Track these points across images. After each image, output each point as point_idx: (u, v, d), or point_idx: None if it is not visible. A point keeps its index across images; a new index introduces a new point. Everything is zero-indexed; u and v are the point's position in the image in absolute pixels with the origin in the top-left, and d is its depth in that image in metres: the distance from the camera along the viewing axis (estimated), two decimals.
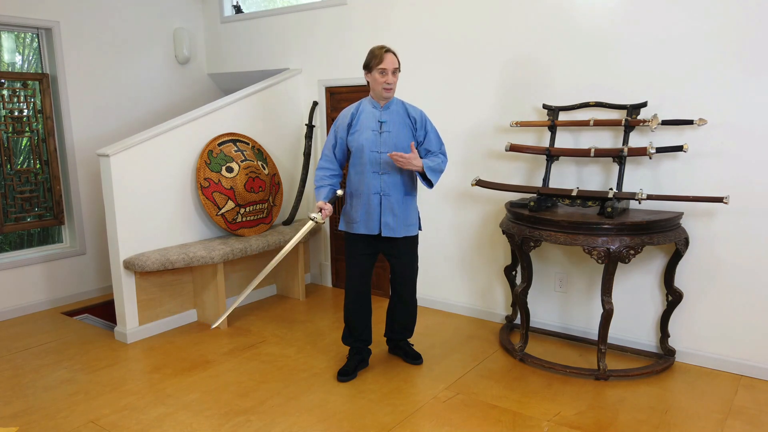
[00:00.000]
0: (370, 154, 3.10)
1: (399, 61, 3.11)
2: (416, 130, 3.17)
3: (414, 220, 3.25)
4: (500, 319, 4.11)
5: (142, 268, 3.68)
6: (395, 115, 3.14)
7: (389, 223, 3.15)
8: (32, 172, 4.53)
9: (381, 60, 3.03)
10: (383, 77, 3.04)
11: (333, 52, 4.65)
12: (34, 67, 4.59)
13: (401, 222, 3.18)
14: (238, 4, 5.39)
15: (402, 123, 3.13)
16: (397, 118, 3.13)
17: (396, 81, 3.10)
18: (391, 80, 3.06)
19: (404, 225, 3.20)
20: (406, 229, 3.21)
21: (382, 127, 3.11)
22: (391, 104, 3.15)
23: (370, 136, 3.11)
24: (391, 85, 3.07)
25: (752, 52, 3.04)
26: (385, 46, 3.08)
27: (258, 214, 4.35)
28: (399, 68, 3.10)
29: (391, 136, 3.11)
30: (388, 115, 3.13)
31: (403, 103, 3.20)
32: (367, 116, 3.14)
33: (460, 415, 2.87)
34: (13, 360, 3.59)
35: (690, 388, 3.11)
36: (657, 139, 3.31)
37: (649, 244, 3.04)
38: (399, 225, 3.17)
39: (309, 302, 4.63)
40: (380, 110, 3.14)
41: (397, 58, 3.10)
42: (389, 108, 3.14)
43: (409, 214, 3.22)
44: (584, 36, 3.51)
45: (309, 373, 3.35)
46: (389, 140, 3.11)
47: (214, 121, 4.27)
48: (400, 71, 3.14)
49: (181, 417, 2.89)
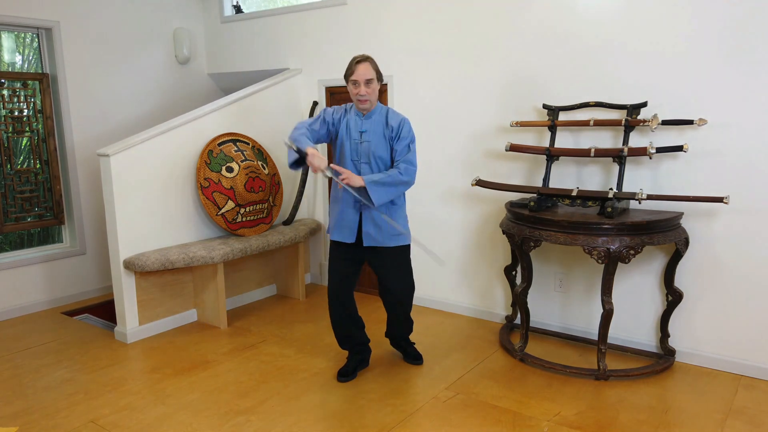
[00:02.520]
0: (350, 163, 3.07)
1: (377, 70, 3.02)
2: (393, 138, 3.06)
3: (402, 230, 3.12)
4: (500, 319, 4.11)
5: (142, 268, 3.68)
6: (376, 125, 3.06)
7: (370, 232, 3.07)
8: (32, 172, 4.53)
9: (353, 71, 2.97)
10: (356, 89, 2.98)
11: (333, 52, 4.65)
12: (34, 67, 4.59)
13: (386, 232, 3.08)
14: (238, 4, 5.40)
15: (380, 133, 3.05)
16: (377, 128, 3.06)
17: (371, 91, 2.99)
18: (363, 91, 2.97)
19: (390, 235, 3.09)
20: (392, 239, 3.10)
21: (362, 137, 3.07)
22: (373, 113, 3.07)
23: (351, 146, 3.07)
24: (365, 96, 2.98)
25: (752, 52, 3.04)
26: (360, 56, 3.00)
27: (258, 214, 4.35)
28: (378, 78, 3.01)
29: (369, 146, 3.05)
30: (369, 125, 3.07)
31: (388, 111, 3.11)
32: (351, 124, 3.08)
33: (460, 415, 2.87)
34: (13, 360, 3.59)
35: (690, 388, 3.11)
36: (657, 139, 3.31)
37: (649, 244, 3.04)
38: (383, 235, 3.08)
39: (309, 302, 4.63)
40: (362, 119, 3.08)
41: (374, 68, 3.00)
42: (371, 117, 3.07)
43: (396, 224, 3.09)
44: (585, 35, 3.51)
45: (309, 373, 3.35)
46: (368, 150, 3.05)
47: (214, 121, 4.27)
48: (381, 81, 3.06)
49: (181, 417, 2.89)
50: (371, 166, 3.06)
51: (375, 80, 3.01)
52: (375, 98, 3.06)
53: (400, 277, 3.22)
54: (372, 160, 3.05)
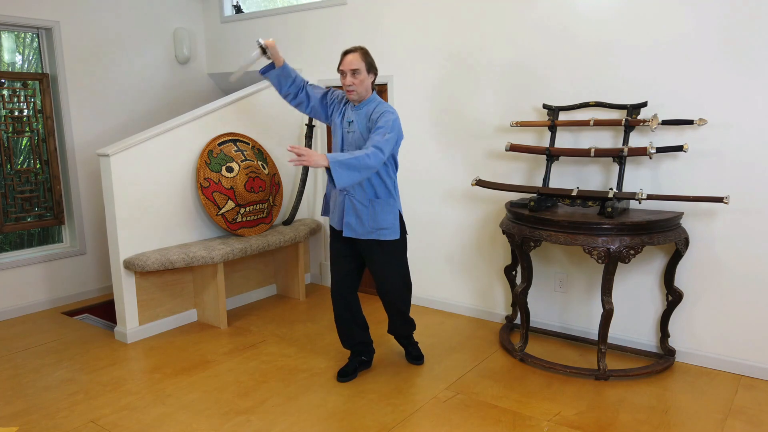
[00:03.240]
0: (339, 151, 3.10)
1: (367, 61, 2.99)
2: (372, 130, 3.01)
3: (386, 225, 3.05)
4: (500, 319, 4.11)
5: (142, 268, 3.68)
6: (362, 117, 3.06)
7: (351, 223, 3.05)
8: (32, 172, 4.53)
9: (340, 62, 3.00)
10: (343, 78, 3.00)
11: (333, 52, 4.64)
12: (34, 67, 4.59)
13: (367, 225, 3.03)
14: (238, 4, 5.40)
15: (365, 125, 3.05)
16: (363, 120, 3.06)
17: (358, 82, 2.96)
18: (349, 81, 2.96)
19: (372, 228, 3.03)
20: (374, 233, 3.04)
21: (350, 127, 3.09)
22: (364, 105, 3.06)
23: (340, 134, 3.12)
24: (351, 86, 2.98)
25: (752, 52, 3.04)
26: (351, 48, 3.01)
27: (258, 214, 4.35)
28: (368, 69, 2.99)
29: (354, 137, 3.06)
30: (356, 116, 3.08)
31: (377, 104, 3.06)
32: (346, 113, 3.12)
33: (460, 415, 2.87)
34: (13, 360, 3.59)
35: (690, 388, 3.11)
36: (657, 139, 3.31)
37: (649, 244, 3.04)
38: (362, 228, 3.03)
39: (309, 302, 4.63)
40: (352, 109, 3.10)
41: (364, 59, 2.97)
42: (360, 109, 3.07)
43: (381, 218, 3.04)
44: (584, 35, 3.51)
45: (309, 373, 3.35)
46: (353, 141, 3.06)
47: (214, 121, 4.27)
48: (373, 72, 3.02)
49: (181, 417, 2.89)
50: None
51: (363, 71, 2.98)
52: (363, 89, 3.02)
53: (390, 274, 3.17)
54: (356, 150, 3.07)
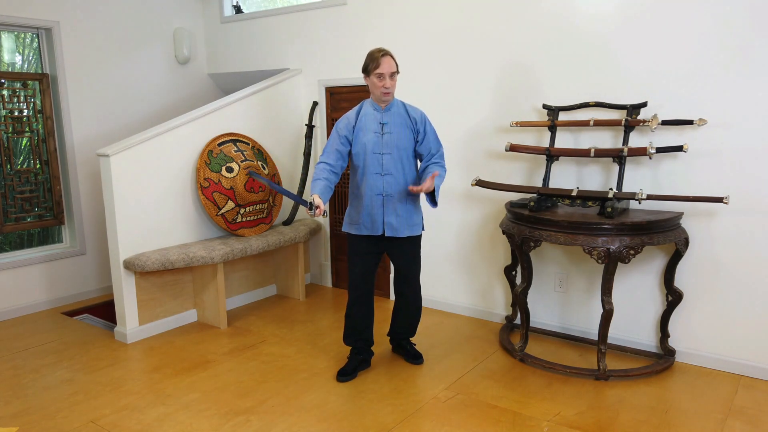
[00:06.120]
0: (372, 155, 3.13)
1: (397, 63, 3.10)
2: (417, 132, 3.19)
3: (417, 221, 3.26)
4: (500, 319, 4.11)
5: (142, 268, 3.68)
6: (396, 117, 3.15)
7: (392, 223, 3.17)
8: (32, 172, 4.53)
9: (378, 64, 3.02)
10: (381, 81, 3.04)
11: (333, 52, 4.65)
12: (34, 67, 4.59)
13: (404, 222, 3.19)
14: (238, 4, 5.40)
15: (403, 124, 3.15)
16: (398, 120, 3.15)
17: (394, 84, 3.09)
18: (388, 84, 3.05)
19: (407, 225, 3.21)
20: (409, 229, 3.22)
21: (384, 129, 3.13)
22: (392, 106, 3.16)
23: (372, 138, 3.13)
24: (389, 89, 3.07)
25: (752, 52, 3.04)
26: (382, 50, 3.06)
27: (258, 214, 4.35)
28: (397, 70, 3.10)
29: (392, 138, 3.13)
30: (389, 117, 3.15)
31: (403, 104, 3.21)
32: (368, 118, 3.15)
33: (460, 415, 2.87)
34: (13, 360, 3.59)
35: (690, 388, 3.11)
36: (657, 139, 3.31)
37: (649, 244, 3.04)
38: (402, 225, 3.19)
39: (309, 302, 4.63)
40: (381, 112, 3.15)
41: (395, 61, 3.09)
42: (390, 110, 3.16)
43: (413, 214, 3.23)
44: (584, 35, 3.51)
45: (309, 373, 3.35)
46: (391, 141, 3.13)
47: (214, 121, 4.27)
48: (398, 73, 3.14)
49: (181, 417, 2.89)
50: (393, 156, 3.13)
51: (396, 73, 3.10)
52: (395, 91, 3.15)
53: (415, 265, 3.35)
54: (395, 151, 3.13)
